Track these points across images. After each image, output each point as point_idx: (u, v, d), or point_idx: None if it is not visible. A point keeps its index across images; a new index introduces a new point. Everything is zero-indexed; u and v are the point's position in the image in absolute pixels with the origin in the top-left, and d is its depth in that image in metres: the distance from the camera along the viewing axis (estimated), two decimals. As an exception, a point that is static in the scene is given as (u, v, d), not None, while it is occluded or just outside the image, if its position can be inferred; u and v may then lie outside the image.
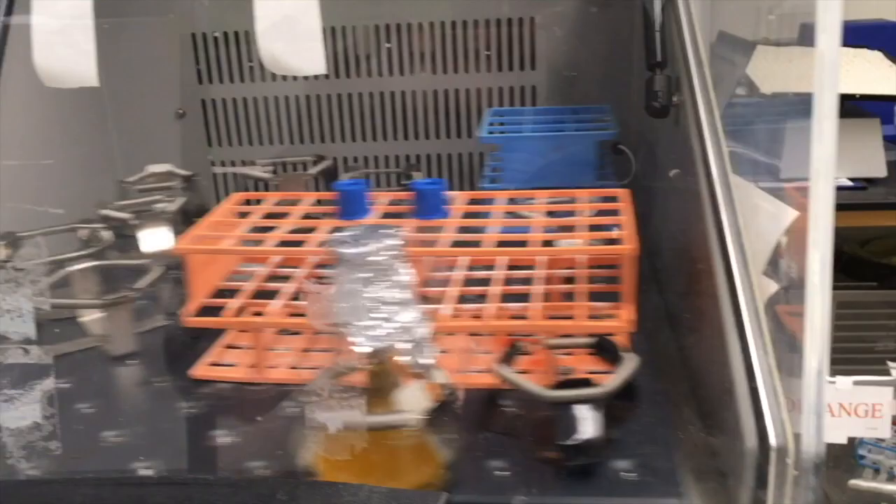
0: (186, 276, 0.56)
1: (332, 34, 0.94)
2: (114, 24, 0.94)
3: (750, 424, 0.41)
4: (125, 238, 0.76)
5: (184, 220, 0.81)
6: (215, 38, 0.96)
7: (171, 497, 0.40)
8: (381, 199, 0.62)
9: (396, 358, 0.43)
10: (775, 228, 0.46)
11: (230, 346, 0.60)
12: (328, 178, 0.85)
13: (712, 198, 0.51)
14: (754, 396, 0.41)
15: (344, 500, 0.39)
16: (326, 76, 0.96)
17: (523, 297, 0.56)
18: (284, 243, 0.57)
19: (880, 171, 0.86)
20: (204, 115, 0.99)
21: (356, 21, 0.94)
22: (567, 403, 0.44)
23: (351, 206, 0.58)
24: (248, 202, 0.64)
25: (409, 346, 0.43)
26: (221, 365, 0.58)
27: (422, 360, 0.44)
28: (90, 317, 0.64)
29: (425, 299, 0.51)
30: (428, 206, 0.57)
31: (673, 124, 0.64)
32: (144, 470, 0.47)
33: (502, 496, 0.44)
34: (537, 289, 0.56)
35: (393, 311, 0.43)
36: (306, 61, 0.57)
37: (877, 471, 0.54)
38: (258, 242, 0.58)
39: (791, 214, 0.45)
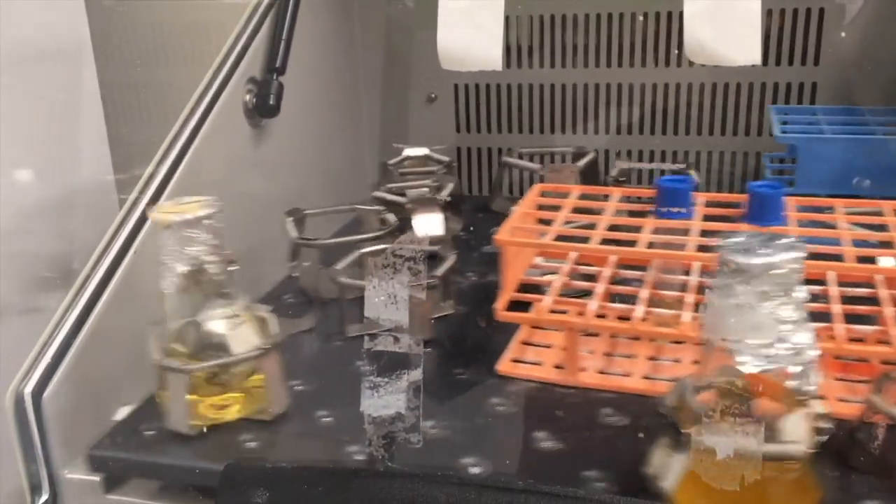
0: (501, 268, 0.54)
1: (606, 21, 0.90)
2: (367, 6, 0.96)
3: None
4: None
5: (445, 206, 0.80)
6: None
7: None
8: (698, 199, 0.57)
9: (785, 382, 0.39)
10: None
11: (526, 343, 0.58)
12: (591, 171, 0.81)
13: None
14: None
15: None
16: (586, 65, 0.93)
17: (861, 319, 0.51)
18: (608, 241, 0.53)
19: None
20: (455, 100, 0.97)
21: (623, 7, 0.89)
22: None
23: (673, 203, 0.54)
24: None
25: (798, 370, 0.39)
26: (523, 362, 0.55)
27: (807, 387, 0.39)
28: (379, 299, 0.63)
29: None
30: (765, 212, 0.51)
31: None
32: (473, 468, 0.45)
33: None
34: (888, 311, 0.50)
35: (787, 331, 0.38)
36: (738, 50, 0.52)
37: None
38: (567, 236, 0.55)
39: None
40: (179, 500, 0.49)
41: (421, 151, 0.85)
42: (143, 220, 0.58)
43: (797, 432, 0.39)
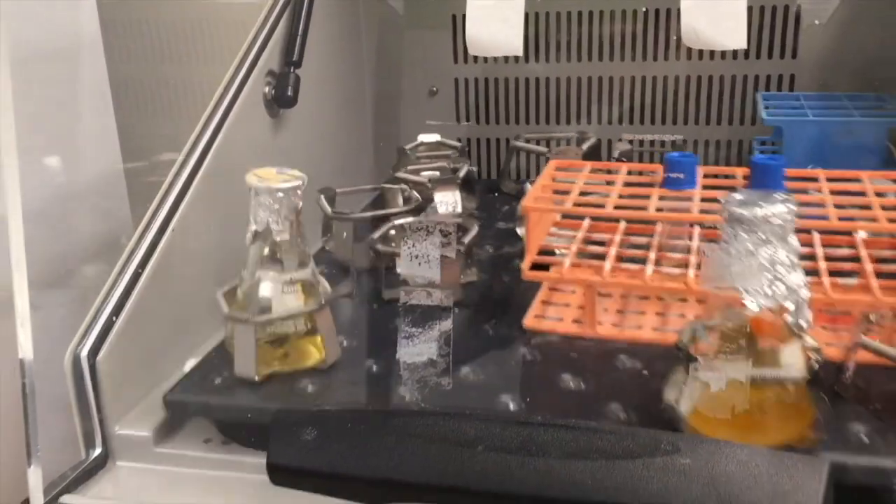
0: (525, 233, 0.60)
1: (598, 18, 0.97)
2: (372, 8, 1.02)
3: None
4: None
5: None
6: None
7: (556, 439, 0.42)
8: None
9: (783, 318, 0.45)
10: None
11: (546, 302, 0.64)
12: (593, 154, 0.88)
13: None
14: None
15: (725, 456, 0.40)
16: (579, 59, 0.99)
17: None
18: (619, 207, 0.60)
19: None
20: (455, 93, 1.03)
21: (616, 5, 0.96)
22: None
23: (679, 177, 0.61)
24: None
25: (793, 307, 0.45)
26: (546, 318, 0.62)
27: (801, 322, 0.46)
28: (408, 268, 0.69)
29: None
30: (767, 182, 0.58)
31: None
32: (509, 405, 0.52)
33: (877, 458, 0.45)
34: (866, 266, 0.57)
35: (783, 273, 0.45)
36: (728, 36, 0.60)
37: None
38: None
39: None
40: (222, 452, 0.55)
41: (434, 138, 0.92)
42: (179, 200, 0.64)
43: (794, 360, 0.46)
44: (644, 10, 0.95)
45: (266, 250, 0.56)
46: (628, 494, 0.40)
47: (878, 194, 0.60)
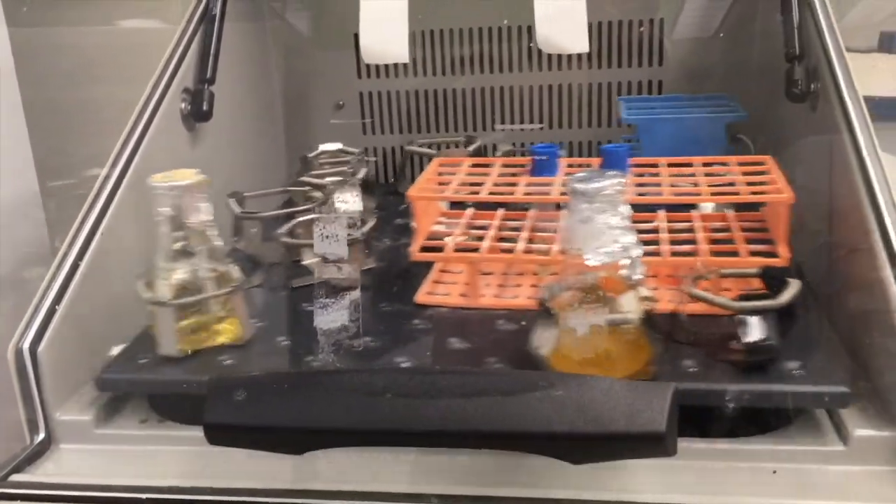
0: (414, 220, 0.69)
1: (487, 35, 1.07)
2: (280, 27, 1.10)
3: None
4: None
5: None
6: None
7: (456, 383, 0.48)
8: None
9: (619, 272, 0.55)
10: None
11: (437, 282, 0.73)
12: (478, 156, 0.98)
13: (863, 171, 0.62)
14: None
15: (590, 387, 0.47)
16: (472, 72, 1.09)
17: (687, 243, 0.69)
18: (494, 193, 0.70)
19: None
20: (361, 106, 1.12)
21: (500, 22, 1.06)
22: (749, 313, 0.56)
23: (543, 166, 0.71)
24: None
25: (627, 262, 0.55)
26: (436, 294, 0.71)
27: (634, 276, 0.56)
28: (313, 259, 0.77)
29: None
30: (614, 166, 0.69)
31: (809, 110, 0.75)
32: (404, 364, 0.60)
33: (707, 384, 0.55)
34: (699, 235, 0.69)
35: (617, 235, 0.55)
36: (573, 42, 0.71)
37: None
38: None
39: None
40: (158, 429, 0.61)
41: (335, 146, 1.00)
42: (106, 208, 0.70)
43: (630, 306, 0.56)
44: (514, 26, 1.06)
45: (178, 242, 0.63)
46: (515, 422, 0.46)
47: (709, 175, 0.71)
